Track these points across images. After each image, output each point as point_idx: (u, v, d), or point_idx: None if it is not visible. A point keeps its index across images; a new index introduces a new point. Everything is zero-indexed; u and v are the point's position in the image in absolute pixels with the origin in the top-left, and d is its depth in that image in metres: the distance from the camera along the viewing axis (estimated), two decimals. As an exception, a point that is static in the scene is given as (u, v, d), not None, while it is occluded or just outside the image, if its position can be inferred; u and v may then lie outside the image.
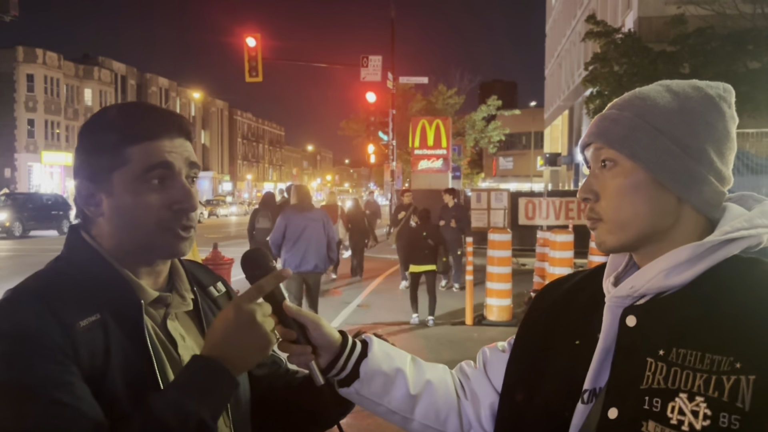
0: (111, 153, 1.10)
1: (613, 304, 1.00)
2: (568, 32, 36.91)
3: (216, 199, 57.67)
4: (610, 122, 1.00)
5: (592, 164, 1.04)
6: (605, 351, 0.98)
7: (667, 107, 0.98)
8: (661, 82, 1.04)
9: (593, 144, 1.03)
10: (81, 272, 1.09)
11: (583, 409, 0.98)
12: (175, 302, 1.19)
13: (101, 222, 1.13)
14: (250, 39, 19.64)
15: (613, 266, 1.09)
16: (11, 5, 13.77)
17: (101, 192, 1.12)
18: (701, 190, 0.97)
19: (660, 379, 0.89)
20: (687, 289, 0.94)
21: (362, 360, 1.18)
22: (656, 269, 0.96)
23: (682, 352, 0.89)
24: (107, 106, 1.18)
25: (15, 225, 23.88)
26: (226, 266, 6.60)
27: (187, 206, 1.12)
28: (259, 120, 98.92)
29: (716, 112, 0.98)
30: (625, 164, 0.98)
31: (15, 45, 46.18)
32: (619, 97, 1.05)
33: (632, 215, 0.98)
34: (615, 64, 16.59)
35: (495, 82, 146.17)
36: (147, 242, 1.12)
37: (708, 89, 1.00)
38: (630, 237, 0.99)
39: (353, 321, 9.03)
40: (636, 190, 0.97)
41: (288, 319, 1.14)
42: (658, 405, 0.88)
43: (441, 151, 21.77)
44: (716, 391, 0.84)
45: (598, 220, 1.02)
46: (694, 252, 0.94)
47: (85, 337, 1.00)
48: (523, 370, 1.13)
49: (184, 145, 1.15)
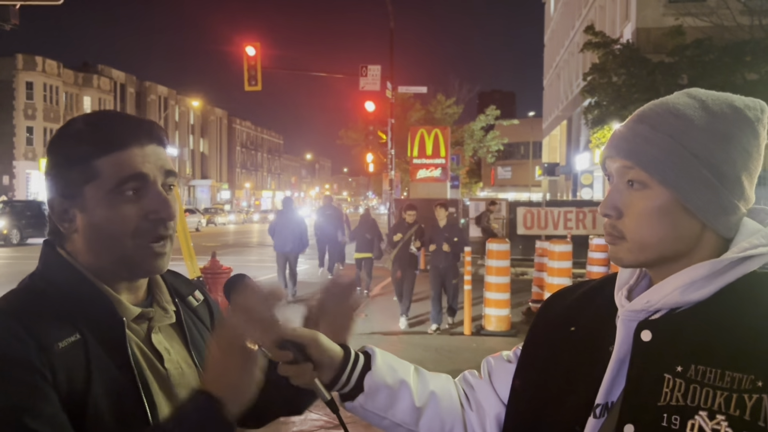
0: (81, 166, 1.05)
1: (626, 317, 0.98)
2: (567, 43, 37.07)
3: (214, 207, 57.62)
4: (642, 140, 0.95)
5: (616, 178, 1.00)
6: (618, 364, 0.96)
7: (705, 129, 0.93)
8: (694, 93, 0.98)
9: (621, 160, 0.98)
10: (58, 290, 1.04)
11: (595, 424, 0.96)
12: (157, 316, 1.15)
13: (76, 238, 1.09)
14: (249, 48, 19.69)
15: (624, 278, 1.06)
16: (12, 14, 13.79)
17: (74, 207, 1.07)
18: (729, 219, 0.95)
19: (679, 396, 0.88)
20: (703, 306, 0.93)
21: (366, 373, 1.14)
22: (673, 285, 0.94)
23: (701, 369, 0.88)
24: (73, 117, 1.13)
25: (13, 233, 23.84)
26: (225, 275, 6.59)
27: (164, 215, 1.07)
28: (258, 128, 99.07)
29: (753, 137, 0.95)
30: (656, 188, 0.95)
31: (14, 53, 46.26)
32: (647, 105, 1.00)
33: (657, 240, 0.96)
34: (613, 74, 16.66)
35: (494, 92, 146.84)
36: (122, 258, 1.07)
37: (747, 111, 0.95)
38: (649, 258, 0.98)
39: (351, 330, 9.00)
40: (664, 216, 0.95)
41: (282, 340, 1.08)
42: (677, 423, 0.86)
43: (440, 161, 21.78)
44: (737, 410, 0.83)
45: (619, 238, 0.99)
46: (712, 269, 0.93)
47: (64, 358, 0.95)
48: (531, 382, 1.10)
49: (156, 152, 1.10)
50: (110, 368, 1.01)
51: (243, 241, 29.83)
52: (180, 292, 1.25)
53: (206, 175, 75.72)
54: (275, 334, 1.08)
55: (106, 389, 0.99)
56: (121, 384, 1.01)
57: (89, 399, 0.97)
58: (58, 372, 0.94)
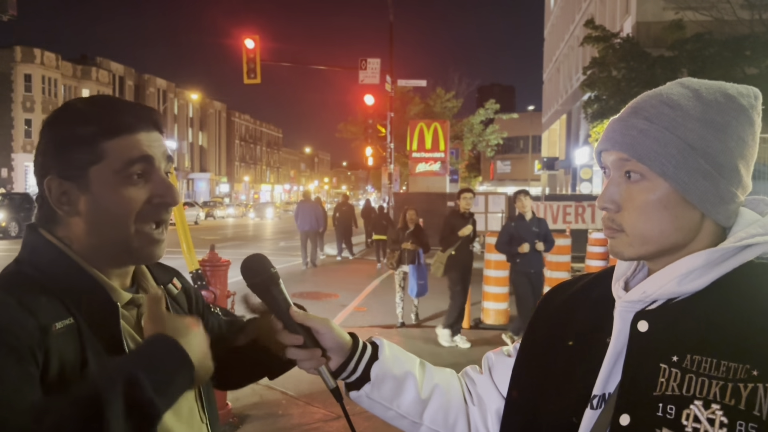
0: (86, 147, 1.04)
1: (623, 308, 0.98)
2: (567, 37, 36.98)
3: (213, 200, 57.52)
4: (638, 133, 0.95)
5: (612, 172, 1.00)
6: (615, 356, 0.96)
7: (700, 120, 0.93)
8: (687, 83, 0.98)
9: (618, 153, 0.98)
10: (46, 275, 1.03)
11: (592, 415, 0.96)
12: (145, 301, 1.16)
13: (75, 222, 1.07)
14: (248, 41, 19.62)
15: (621, 270, 1.06)
16: (9, 5, 13.74)
17: (77, 189, 1.05)
18: (728, 207, 0.95)
19: (674, 385, 0.88)
20: (700, 296, 0.93)
21: (373, 362, 1.16)
22: (670, 275, 0.95)
23: (697, 358, 0.88)
24: (71, 100, 1.11)
25: (11, 225, 23.82)
26: (224, 268, 6.59)
27: (169, 200, 1.09)
28: (257, 122, 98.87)
29: (749, 125, 0.95)
30: (654, 180, 0.95)
31: (13, 45, 46.08)
32: (641, 97, 1.00)
33: (657, 232, 0.95)
34: (613, 68, 16.64)
35: (493, 86, 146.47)
36: (125, 241, 1.07)
37: (741, 99, 0.95)
38: (650, 251, 0.97)
39: (350, 324, 9.01)
40: (663, 208, 0.95)
41: (294, 324, 1.12)
42: (673, 412, 0.87)
43: (439, 154, 21.78)
44: (733, 399, 0.83)
45: (619, 231, 0.99)
46: (709, 259, 0.93)
47: (59, 341, 0.95)
48: (530, 375, 1.11)
49: (160, 139, 1.12)
50: (103, 353, 1.01)
51: (242, 234, 29.83)
52: (162, 279, 1.26)
53: (205, 168, 75.60)
54: (287, 317, 1.10)
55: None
56: None
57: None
58: (52, 354, 0.93)
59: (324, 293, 11.61)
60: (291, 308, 1.13)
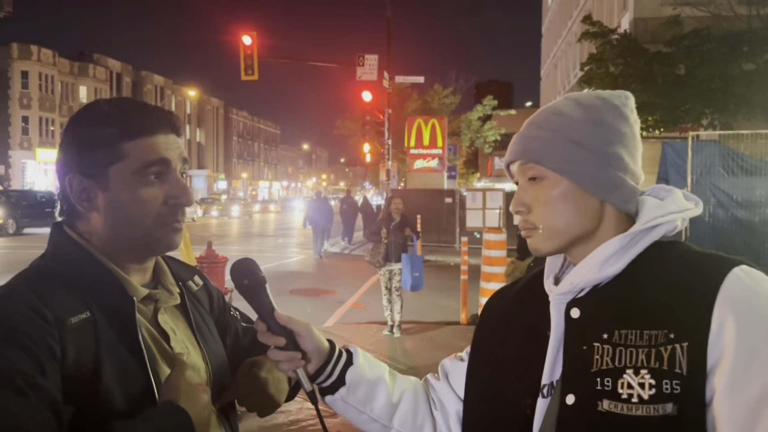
0: (107, 147, 1.10)
1: (557, 300, 1.08)
2: (564, 33, 36.98)
3: (211, 197, 57.38)
4: (532, 140, 1.09)
5: (519, 179, 1.12)
6: (556, 344, 1.05)
7: (581, 120, 1.07)
8: (569, 96, 1.13)
9: (519, 161, 1.11)
10: (69, 270, 1.08)
11: (544, 403, 1.04)
12: (163, 297, 1.20)
13: (94, 217, 1.12)
14: (246, 37, 19.57)
15: (550, 268, 1.17)
16: (5, 1, 13.68)
17: (96, 187, 1.11)
18: (621, 191, 1.06)
19: (608, 360, 0.97)
20: (620, 277, 1.03)
21: (348, 368, 1.24)
22: (591, 264, 1.05)
23: (624, 332, 0.98)
24: (96, 100, 1.18)
25: (9, 222, 23.75)
26: (221, 265, 6.60)
27: (184, 201, 1.14)
28: (255, 118, 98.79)
29: (622, 119, 1.08)
30: (552, 177, 1.07)
31: (10, 41, 45.98)
32: (535, 113, 1.14)
33: (565, 222, 1.07)
34: (611, 64, 16.61)
35: (491, 83, 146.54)
36: (143, 237, 1.12)
37: (613, 99, 1.10)
38: (564, 241, 1.08)
39: (348, 320, 9.03)
40: (565, 200, 1.06)
41: (278, 326, 1.17)
42: (610, 384, 0.96)
43: (437, 151, 21.79)
44: (657, 362, 0.93)
45: (533, 229, 1.10)
46: (621, 243, 1.04)
47: (75, 334, 0.99)
48: (482, 376, 1.19)
49: (177, 142, 1.17)
50: (119, 347, 1.04)
51: (241, 231, 29.81)
52: (181, 276, 1.30)
53: (203, 165, 75.57)
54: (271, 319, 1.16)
55: (116, 368, 1.02)
56: (130, 363, 1.05)
57: (100, 377, 0.99)
58: (68, 348, 0.97)
59: (322, 290, 11.62)
60: (275, 311, 1.17)
